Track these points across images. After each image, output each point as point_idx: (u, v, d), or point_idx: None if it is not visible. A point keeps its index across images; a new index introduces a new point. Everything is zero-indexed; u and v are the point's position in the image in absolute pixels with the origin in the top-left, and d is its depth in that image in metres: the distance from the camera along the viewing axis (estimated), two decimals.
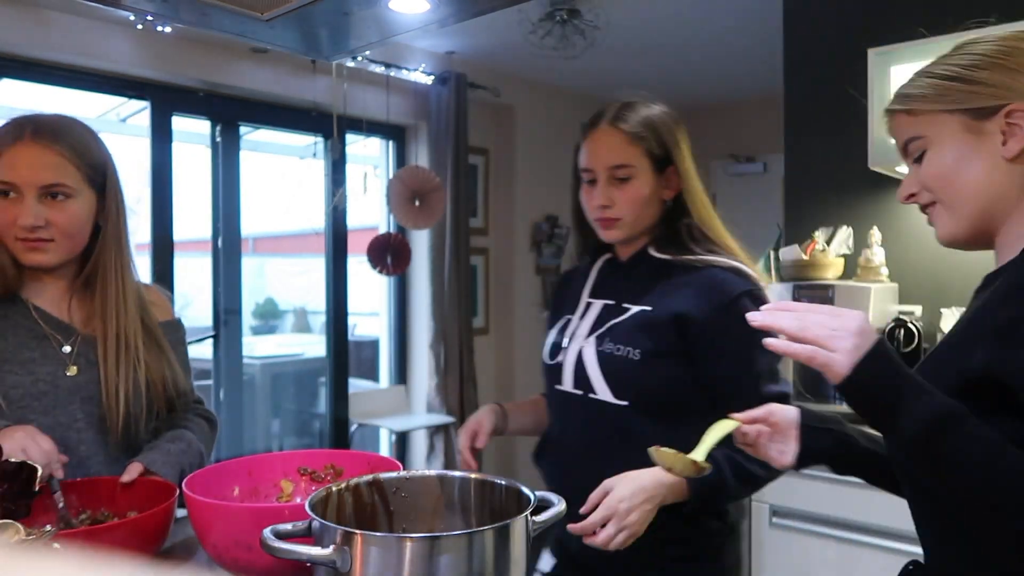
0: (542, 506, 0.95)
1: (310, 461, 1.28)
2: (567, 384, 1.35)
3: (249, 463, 1.27)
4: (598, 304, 1.37)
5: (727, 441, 1.19)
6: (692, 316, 1.26)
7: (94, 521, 1.15)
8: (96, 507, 1.19)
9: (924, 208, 0.98)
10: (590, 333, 1.34)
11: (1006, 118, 0.89)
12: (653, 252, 1.35)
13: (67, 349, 1.29)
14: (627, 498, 1.14)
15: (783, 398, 1.25)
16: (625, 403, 1.28)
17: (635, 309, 1.31)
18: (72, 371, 1.28)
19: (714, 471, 1.17)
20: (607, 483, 1.16)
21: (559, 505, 0.96)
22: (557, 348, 1.39)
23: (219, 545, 1.04)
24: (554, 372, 1.38)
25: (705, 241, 1.33)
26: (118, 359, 1.29)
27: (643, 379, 1.28)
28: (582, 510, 1.15)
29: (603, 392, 1.30)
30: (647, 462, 1.14)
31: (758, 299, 1.27)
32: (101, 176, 1.32)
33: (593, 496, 1.16)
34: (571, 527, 1.15)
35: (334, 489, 0.99)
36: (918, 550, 1.79)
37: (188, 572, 1.09)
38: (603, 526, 1.14)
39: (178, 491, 1.13)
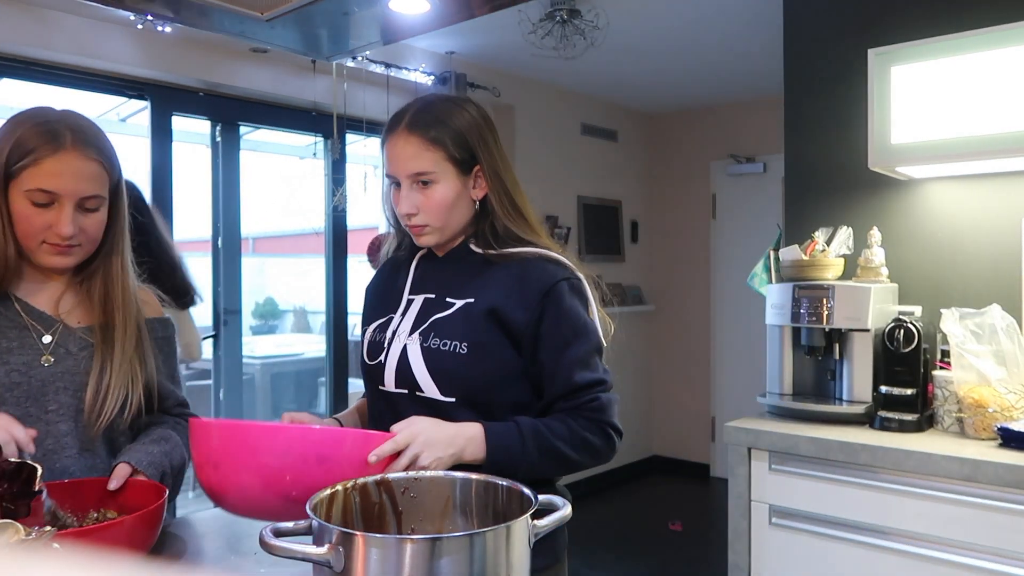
0: (547, 509, 0.94)
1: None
2: (389, 384, 1.31)
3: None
4: (419, 300, 1.34)
5: (544, 410, 1.28)
6: (510, 306, 1.26)
7: (84, 522, 1.15)
8: (82, 508, 1.18)
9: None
10: (413, 330, 1.30)
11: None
12: (473, 247, 1.34)
13: (47, 339, 1.27)
14: (429, 430, 1.15)
15: (597, 385, 1.27)
16: (452, 399, 1.26)
17: (460, 303, 1.29)
18: (48, 360, 1.26)
19: (516, 436, 1.20)
20: (412, 418, 1.17)
21: (564, 509, 0.95)
22: (378, 347, 1.34)
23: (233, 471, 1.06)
24: (375, 372, 1.33)
25: (516, 241, 1.32)
26: (113, 352, 1.28)
27: (470, 372, 1.25)
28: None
29: (429, 389, 1.27)
30: None
31: (575, 287, 1.29)
32: (118, 178, 1.32)
33: (396, 426, 1.15)
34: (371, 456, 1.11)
35: (340, 488, 0.98)
36: (918, 550, 1.80)
37: (186, 571, 1.09)
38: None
39: (167, 491, 1.13)
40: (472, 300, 1.29)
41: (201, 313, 4.11)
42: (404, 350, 1.29)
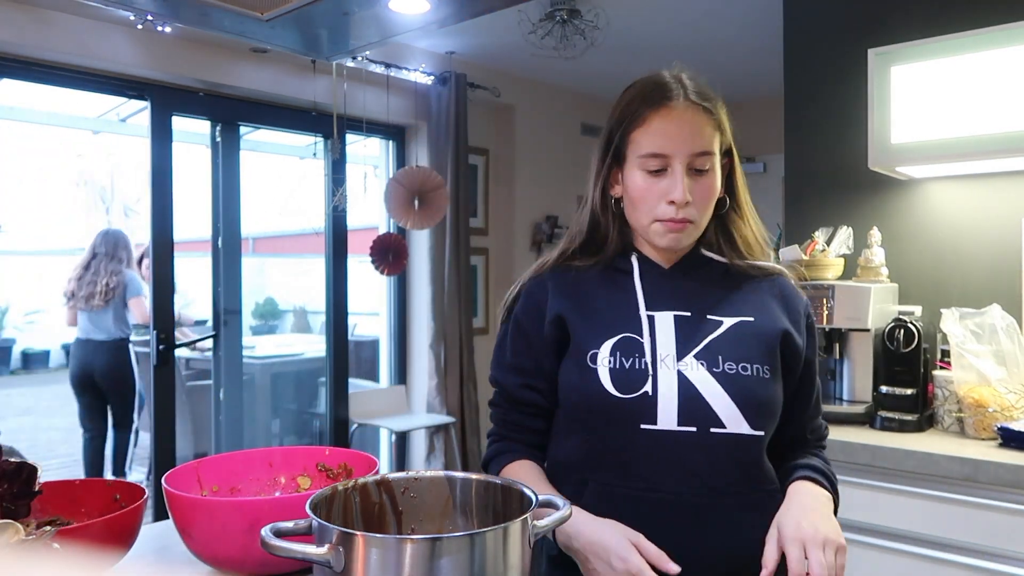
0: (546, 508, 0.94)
1: (330, 459, 1.28)
2: (667, 422, 1.05)
3: (270, 455, 1.27)
4: (666, 317, 1.11)
5: (791, 441, 1.18)
6: (795, 331, 1.14)
7: (55, 525, 1.13)
8: (49, 512, 1.16)
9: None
10: (683, 353, 1.08)
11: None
12: (707, 253, 1.17)
13: None
14: (802, 522, 1.01)
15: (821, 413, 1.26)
16: (761, 432, 1.07)
17: (731, 321, 1.10)
18: None
19: (827, 479, 1.14)
20: (772, 532, 1.03)
21: (564, 509, 0.94)
22: (637, 376, 1.07)
23: (202, 540, 1.05)
24: (637, 407, 1.06)
25: (748, 251, 1.17)
26: None
27: (776, 401, 1.10)
28: (765, 574, 1.00)
29: (735, 423, 1.05)
30: (778, 503, 1.07)
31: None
32: None
33: (769, 552, 1.01)
34: None
35: (340, 488, 0.98)
36: (918, 550, 1.79)
37: (185, 569, 1.09)
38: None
39: (146, 493, 1.11)
40: (751, 319, 1.11)
41: (201, 313, 4.11)
42: (683, 378, 1.06)
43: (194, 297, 4.91)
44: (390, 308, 4.33)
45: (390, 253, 3.60)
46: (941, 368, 2.10)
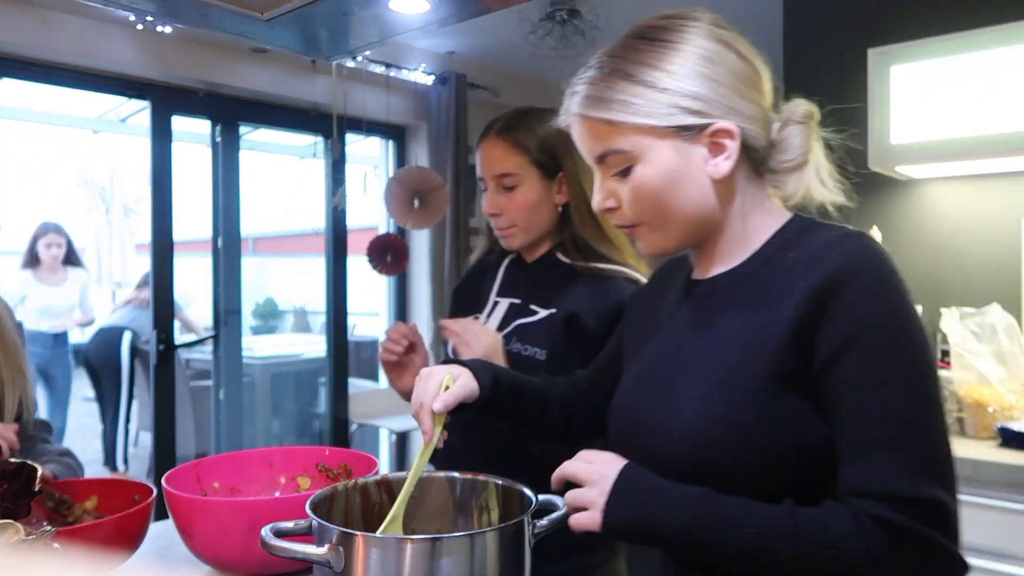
0: (547, 509, 0.94)
1: (330, 459, 1.28)
2: None
3: (269, 455, 1.27)
4: (504, 303, 1.40)
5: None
6: (585, 314, 1.28)
7: (66, 523, 1.14)
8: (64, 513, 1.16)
9: (626, 226, 0.95)
10: (498, 332, 1.36)
11: (711, 137, 0.89)
12: (560, 256, 1.37)
13: None
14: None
15: None
16: None
17: (543, 312, 1.33)
18: None
19: None
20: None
21: (564, 509, 0.95)
22: None
23: (202, 540, 1.05)
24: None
25: (590, 251, 1.35)
26: None
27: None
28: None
29: None
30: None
31: None
32: None
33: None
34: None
35: (340, 488, 0.98)
36: None
37: (188, 568, 1.09)
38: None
39: (154, 493, 1.12)
40: (555, 311, 1.32)
41: (201, 313, 4.11)
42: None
43: (194, 297, 4.93)
44: (390, 308, 4.33)
45: (388, 253, 3.60)
46: (941, 368, 2.10)
